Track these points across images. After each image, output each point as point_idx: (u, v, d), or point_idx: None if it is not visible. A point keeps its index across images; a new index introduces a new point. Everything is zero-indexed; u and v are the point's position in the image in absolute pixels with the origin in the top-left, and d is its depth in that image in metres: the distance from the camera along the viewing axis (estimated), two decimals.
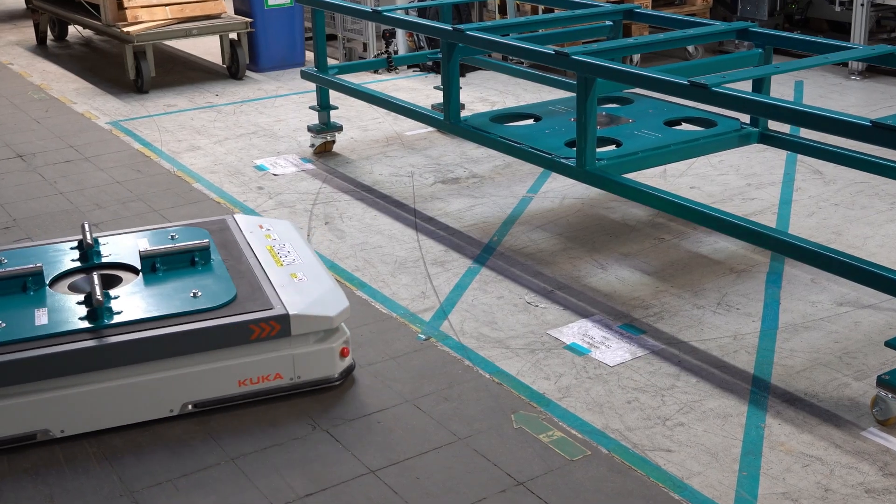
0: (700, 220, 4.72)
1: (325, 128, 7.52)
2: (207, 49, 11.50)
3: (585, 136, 5.07)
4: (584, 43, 7.10)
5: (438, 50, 7.83)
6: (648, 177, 6.63)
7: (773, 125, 5.69)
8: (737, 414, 4.05)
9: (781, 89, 8.87)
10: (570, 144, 5.45)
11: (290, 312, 4.15)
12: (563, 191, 6.57)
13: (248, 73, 10.31)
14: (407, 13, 9.44)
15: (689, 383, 4.28)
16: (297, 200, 6.57)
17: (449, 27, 5.90)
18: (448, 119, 6.04)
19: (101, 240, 4.80)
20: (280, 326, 4.13)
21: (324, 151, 7.58)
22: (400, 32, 10.11)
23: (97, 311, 4.09)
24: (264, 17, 10.31)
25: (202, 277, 4.43)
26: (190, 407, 4.13)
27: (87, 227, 4.72)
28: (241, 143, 7.90)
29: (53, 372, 3.91)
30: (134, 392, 4.04)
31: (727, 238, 5.63)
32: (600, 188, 5.17)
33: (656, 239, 5.78)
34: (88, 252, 4.64)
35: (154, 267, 4.48)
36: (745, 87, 4.88)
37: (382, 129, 8.18)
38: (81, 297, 4.24)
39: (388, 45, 9.94)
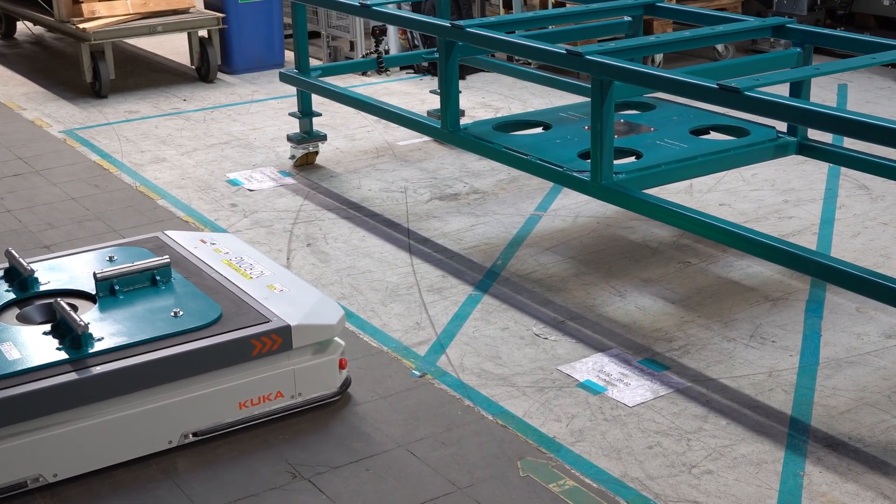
0: (731, 241, 4.74)
1: (307, 137, 7.55)
2: (174, 48, 11.54)
3: (601, 147, 5.09)
4: (599, 41, 7.14)
5: (435, 49, 7.87)
6: (672, 192, 6.66)
7: (814, 134, 5.72)
8: (772, 461, 4.06)
9: (823, 93, 8.90)
10: (583, 156, 5.47)
11: (291, 324, 4.30)
12: (575, 208, 6.60)
13: (219, 75, 10.36)
14: (399, 8, 9.49)
15: (718, 426, 4.30)
16: (276, 219, 6.59)
17: (447, 23, 5.93)
18: (446, 127, 6.07)
19: (32, 266, 4.80)
20: (282, 340, 4.27)
21: (305, 164, 7.61)
22: (391, 29, 10.15)
23: (80, 338, 4.11)
24: (238, 13, 10.36)
25: (171, 297, 4.52)
26: (190, 437, 4.20)
27: (14, 253, 4.76)
28: (211, 155, 7.93)
29: (42, 410, 3.92)
30: (129, 425, 4.09)
31: (761, 262, 5.65)
32: (618, 205, 5.19)
33: (681, 263, 5.80)
34: (28, 280, 4.66)
35: (112, 290, 4.53)
36: (782, 90, 4.91)
37: (372, 139, 8.21)
38: (48, 327, 4.26)
39: (378, 43, 9.99)
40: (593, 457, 4.12)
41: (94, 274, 4.56)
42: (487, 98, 9.20)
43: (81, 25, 9.50)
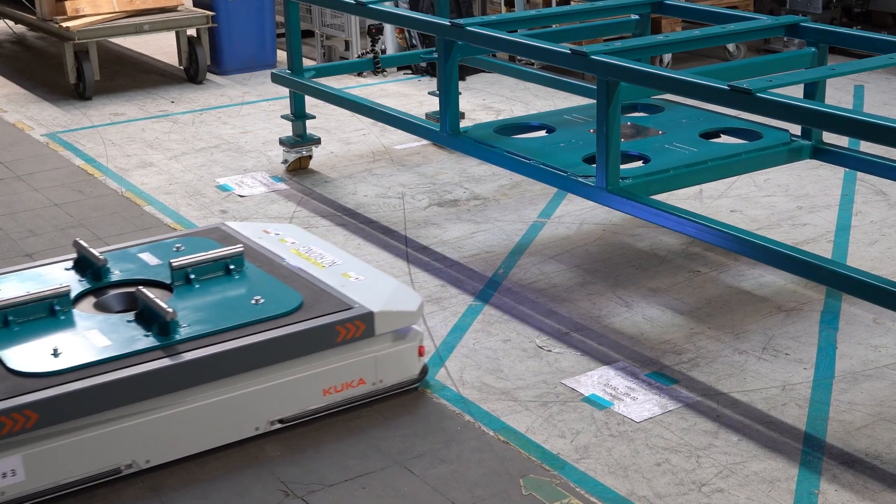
0: (742, 249, 4.75)
1: (301, 141, 7.56)
2: (161, 48, 11.56)
3: (607, 151, 5.10)
4: (605, 41, 7.15)
5: (433, 49, 7.89)
6: (681, 198, 6.67)
7: (829, 138, 5.73)
8: (786, 478, 4.07)
9: (838, 95, 8.92)
10: (588, 160, 5.49)
11: (374, 310, 4.48)
12: (580, 215, 6.61)
13: (209, 76, 10.37)
14: (397, 5, 9.51)
15: (729, 442, 4.30)
16: None
17: (446, 22, 5.94)
18: (445, 130, 6.08)
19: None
20: (365, 326, 4.47)
21: (298, 168, 7.62)
22: (388, 28, 10.17)
23: (168, 325, 4.28)
24: (228, 10, 10.37)
25: (248, 286, 4.73)
26: (276, 424, 4.39)
27: (84, 243, 4.95)
28: (200, 159, 7.94)
29: (136, 396, 4.08)
30: (218, 412, 4.26)
31: (774, 271, 5.66)
32: (625, 212, 5.19)
33: (691, 272, 5.80)
34: (102, 269, 4.86)
35: (188, 278, 4.73)
36: (796, 92, 4.92)
37: (368, 143, 8.22)
38: (130, 315, 4.45)
39: (374, 43, 10.01)
40: (599, 474, 4.12)
41: (170, 263, 4.75)
42: (488, 100, 9.21)
43: (65, 24, 9.51)
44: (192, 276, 4.75)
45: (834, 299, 5.42)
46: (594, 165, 5.24)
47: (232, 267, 4.84)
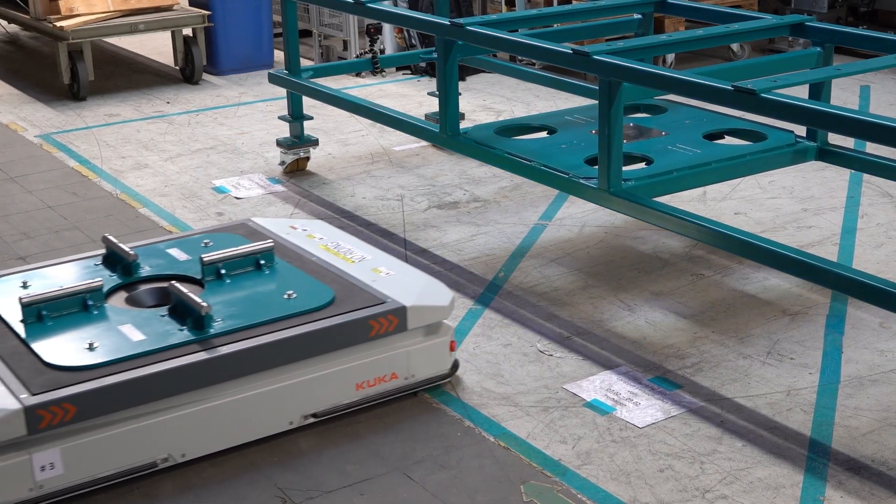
0: (746, 252, 4.75)
1: (298, 142, 7.56)
2: (157, 48, 11.56)
3: (610, 152, 5.11)
4: (607, 40, 7.16)
5: (433, 49, 7.89)
6: (685, 200, 6.67)
7: (835, 139, 5.73)
8: (791, 485, 4.07)
9: (844, 95, 8.92)
10: (590, 162, 5.49)
11: (407, 305, 4.56)
12: (582, 217, 6.61)
13: (205, 76, 10.37)
14: (396, 5, 9.51)
15: (733, 448, 4.30)
16: None
17: (446, 21, 5.95)
18: (445, 131, 6.08)
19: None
20: (397, 321, 4.55)
21: (296, 170, 7.62)
22: (387, 28, 10.17)
23: (203, 319, 4.35)
24: (225, 10, 10.38)
25: (278, 280, 4.82)
26: (310, 418, 4.47)
27: (113, 239, 5.04)
28: (197, 161, 7.95)
29: (172, 390, 4.16)
30: (253, 406, 4.33)
31: (779, 274, 5.66)
32: (627, 214, 5.20)
33: (694, 275, 5.81)
34: (133, 265, 4.94)
35: (219, 273, 4.82)
36: (801, 92, 4.92)
37: (366, 144, 8.22)
38: (163, 310, 4.54)
39: (372, 42, 10.01)
40: (601, 480, 4.12)
41: (201, 258, 4.83)
42: (489, 100, 9.22)
43: (59, 23, 9.51)
44: (223, 271, 4.84)
45: (840, 303, 5.42)
46: (596, 167, 5.24)
47: (262, 262, 4.92)
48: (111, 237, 5.07)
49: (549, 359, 5.01)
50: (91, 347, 4.23)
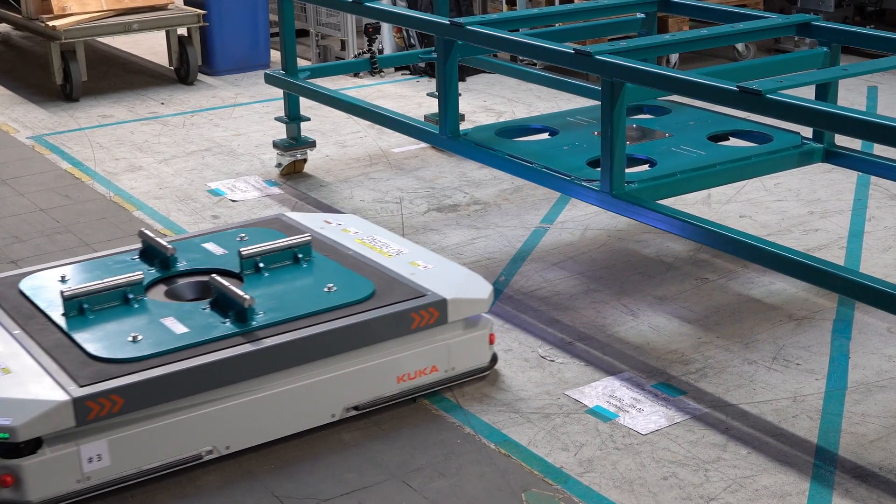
0: (752, 256, 4.75)
1: (295, 144, 7.57)
2: (151, 47, 11.57)
3: (612, 154, 5.11)
4: (610, 40, 7.16)
5: (432, 49, 7.89)
6: (689, 203, 6.68)
7: (841, 140, 5.74)
8: (797, 493, 4.07)
9: (851, 96, 8.93)
10: (593, 164, 5.49)
11: (447, 297, 4.66)
12: (584, 220, 6.61)
13: (200, 76, 10.38)
14: (394, 4, 9.52)
15: (738, 455, 4.31)
16: None
17: (445, 20, 5.95)
18: (444, 133, 6.08)
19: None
20: (438, 313, 4.64)
21: (293, 172, 7.63)
22: (386, 27, 10.18)
23: (246, 312, 4.44)
24: (220, 9, 10.38)
25: (317, 274, 4.91)
26: (352, 411, 4.56)
27: (150, 233, 5.16)
28: (191, 163, 7.95)
29: (218, 381, 4.25)
30: (296, 398, 4.43)
31: (785, 278, 5.67)
32: (630, 217, 5.20)
33: (698, 279, 5.81)
34: (171, 259, 5.03)
35: (257, 267, 4.92)
36: (807, 93, 4.93)
37: (364, 146, 8.22)
38: (204, 303, 4.64)
39: (371, 42, 10.01)
40: (603, 488, 4.12)
41: (239, 252, 4.93)
42: (489, 101, 9.22)
43: (51, 23, 9.51)
44: (261, 265, 4.93)
45: (847, 308, 5.42)
46: (598, 169, 5.24)
47: (300, 256, 5.01)
48: (148, 231, 5.17)
49: (550, 364, 5.02)
50: (135, 340, 4.32)
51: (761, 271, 5.79)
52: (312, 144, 7.62)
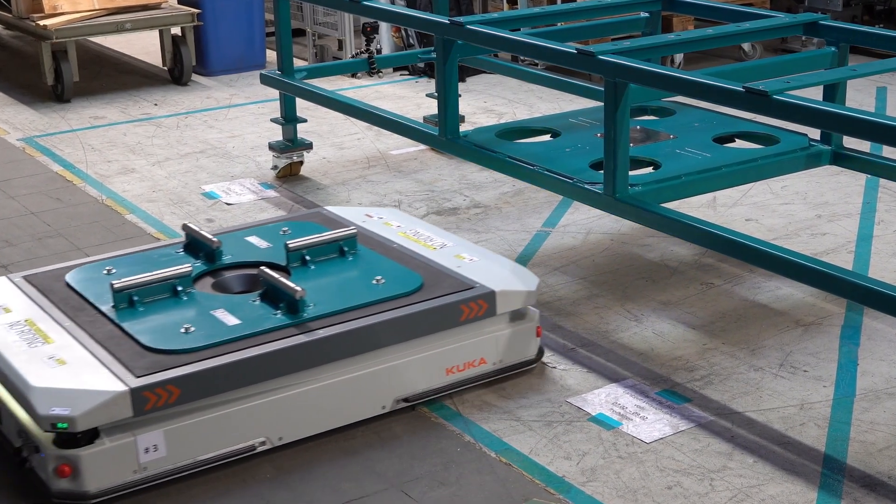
0: (758, 260, 4.75)
1: (291, 146, 7.57)
2: (144, 47, 11.57)
3: (616, 156, 5.11)
4: (613, 40, 7.17)
5: (432, 49, 7.90)
6: (694, 206, 6.68)
7: (850, 142, 5.74)
8: (804, 502, 4.06)
9: (859, 97, 8.93)
10: (596, 166, 5.49)
11: (496, 289, 4.76)
12: (587, 224, 6.61)
13: (194, 77, 10.38)
14: (393, 3, 9.53)
15: (744, 464, 4.31)
16: None
17: (445, 20, 5.96)
18: (444, 134, 6.09)
19: None
20: (487, 305, 4.74)
21: (289, 175, 7.63)
22: (384, 27, 10.19)
23: (297, 303, 4.54)
24: (215, 8, 10.39)
25: (363, 266, 5.03)
26: (402, 402, 4.66)
27: (194, 227, 5.25)
28: (185, 165, 7.95)
29: (272, 372, 4.35)
30: (347, 390, 4.54)
31: (792, 283, 5.66)
32: (634, 220, 5.21)
33: (703, 284, 5.81)
34: (216, 252, 5.12)
35: (304, 260, 5.02)
36: (815, 94, 4.93)
37: (362, 148, 8.23)
38: (254, 295, 4.74)
39: (369, 42, 10.01)
40: (606, 498, 4.12)
41: (286, 244, 5.04)
42: (490, 102, 9.23)
43: (42, 22, 9.51)
44: (308, 258, 5.03)
45: (855, 313, 5.42)
46: (601, 172, 5.24)
47: (345, 249, 5.11)
48: (192, 225, 5.26)
49: (552, 371, 5.02)
50: (187, 331, 4.42)
51: (768, 276, 5.79)
52: (309, 146, 7.63)
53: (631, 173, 5.24)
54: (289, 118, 7.53)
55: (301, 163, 7.65)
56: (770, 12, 6.06)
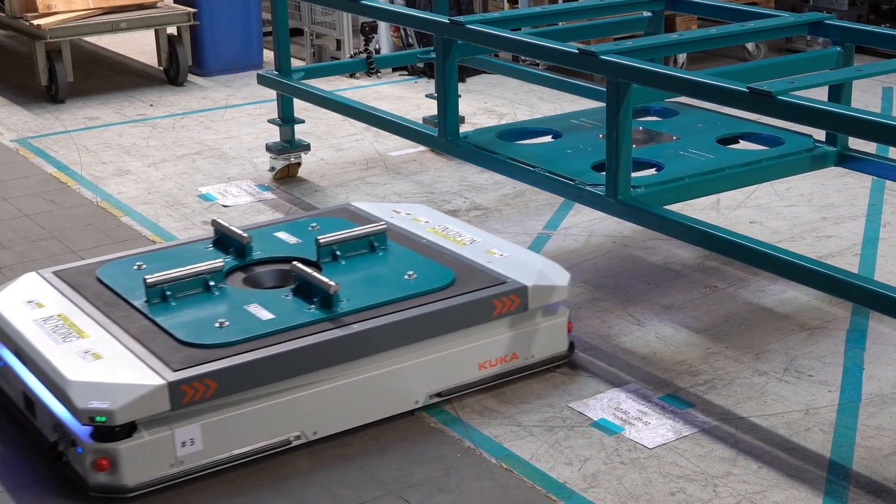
0: (762, 263, 4.75)
1: (289, 147, 7.57)
2: (139, 47, 11.58)
3: (618, 158, 5.11)
4: (615, 39, 7.17)
5: (431, 48, 7.90)
6: (697, 208, 6.68)
7: (855, 143, 5.74)
8: None
9: (865, 97, 8.94)
10: (598, 168, 5.50)
11: (528, 284, 4.82)
12: (589, 226, 6.62)
13: (190, 77, 10.39)
14: (392, 2, 9.53)
15: (748, 470, 4.31)
16: None
17: (445, 19, 5.96)
18: (444, 135, 6.09)
19: None
20: (519, 300, 4.81)
21: (287, 176, 7.63)
22: (383, 26, 10.19)
23: (331, 298, 4.60)
24: (211, 7, 10.39)
25: (394, 262, 5.10)
26: (435, 397, 4.74)
27: (224, 222, 5.34)
28: (181, 167, 7.95)
29: (307, 367, 4.43)
30: (381, 384, 4.61)
31: (797, 287, 5.66)
32: (636, 223, 5.21)
33: (707, 287, 5.81)
34: (247, 247, 5.20)
35: (335, 255, 5.09)
36: (820, 94, 4.93)
37: (361, 149, 8.23)
38: (286, 290, 4.82)
39: (367, 42, 10.03)
40: None
41: (317, 240, 5.11)
42: (490, 103, 9.23)
43: (36, 22, 9.51)
44: (338, 253, 5.10)
45: (861, 317, 5.42)
46: (603, 173, 5.25)
47: (375, 244, 5.19)
48: (221, 220, 5.34)
49: (553, 376, 5.02)
50: (222, 326, 4.48)
51: (772, 279, 5.79)
52: (307, 148, 7.62)
53: (633, 175, 5.24)
54: (286, 119, 7.53)
55: (299, 164, 7.65)
56: (774, 12, 6.06)
